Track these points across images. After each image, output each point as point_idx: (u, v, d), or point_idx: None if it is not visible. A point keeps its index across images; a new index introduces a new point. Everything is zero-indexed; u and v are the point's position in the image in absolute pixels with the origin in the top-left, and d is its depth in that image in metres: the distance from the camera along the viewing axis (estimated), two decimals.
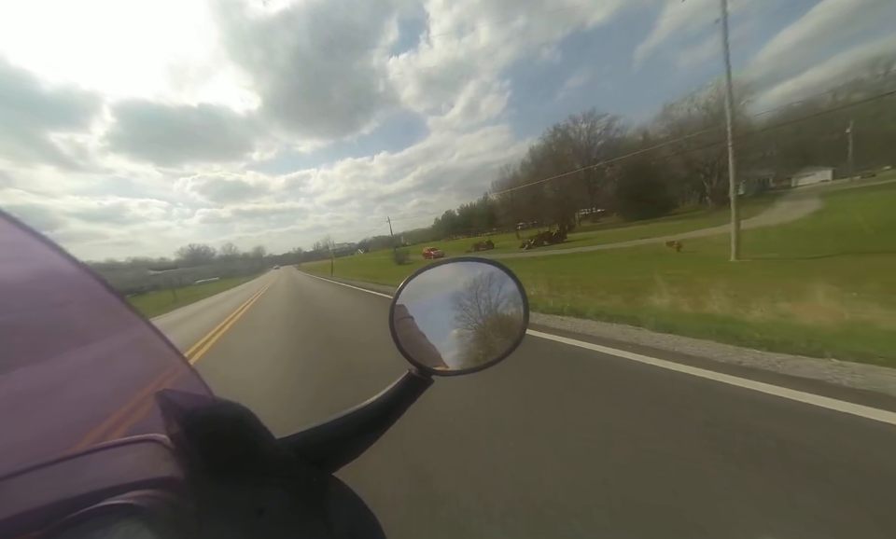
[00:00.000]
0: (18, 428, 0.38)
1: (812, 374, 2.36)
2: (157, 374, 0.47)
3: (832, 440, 1.69)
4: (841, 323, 3.27)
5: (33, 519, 0.29)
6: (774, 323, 3.45)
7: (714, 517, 1.36)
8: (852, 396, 2.03)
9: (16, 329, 0.38)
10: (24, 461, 0.34)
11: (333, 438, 0.45)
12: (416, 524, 1.55)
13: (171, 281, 78.44)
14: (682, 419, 2.02)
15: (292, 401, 3.24)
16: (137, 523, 0.28)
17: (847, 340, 2.72)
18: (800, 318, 3.54)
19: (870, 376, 2.23)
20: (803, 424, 1.84)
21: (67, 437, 0.40)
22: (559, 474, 1.71)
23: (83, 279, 0.38)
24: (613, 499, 1.50)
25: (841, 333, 2.98)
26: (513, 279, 0.58)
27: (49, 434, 0.40)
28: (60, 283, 0.38)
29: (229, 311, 12.52)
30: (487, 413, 2.42)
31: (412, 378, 0.50)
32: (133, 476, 0.34)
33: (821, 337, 2.85)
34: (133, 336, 0.45)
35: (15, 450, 0.35)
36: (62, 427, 0.41)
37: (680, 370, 2.63)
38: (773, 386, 2.23)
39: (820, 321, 3.37)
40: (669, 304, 4.73)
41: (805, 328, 3.17)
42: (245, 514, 0.33)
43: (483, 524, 1.49)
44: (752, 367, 2.55)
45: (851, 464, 1.53)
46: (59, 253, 0.34)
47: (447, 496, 1.67)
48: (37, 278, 0.36)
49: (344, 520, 0.39)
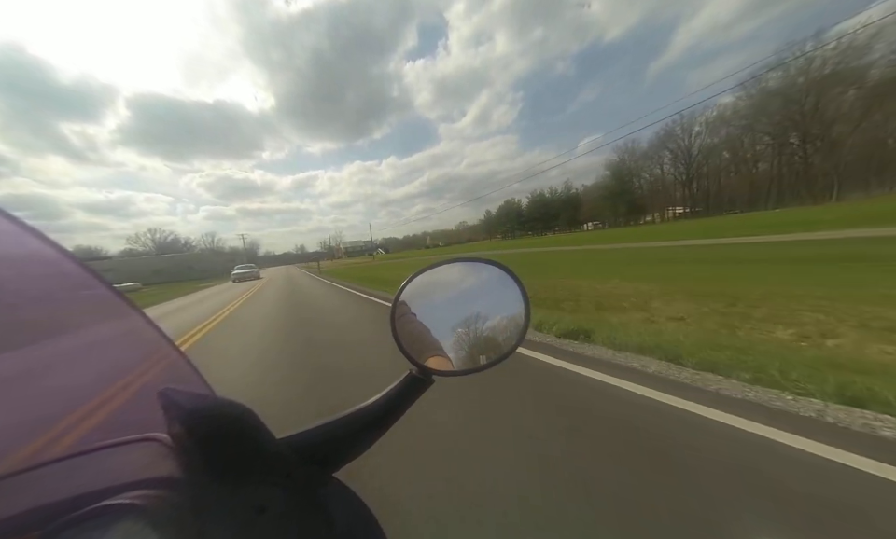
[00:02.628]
0: (15, 428, 0.38)
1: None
2: (159, 374, 0.47)
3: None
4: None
5: (32, 519, 0.29)
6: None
7: None
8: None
9: (12, 328, 0.38)
10: (20, 458, 0.33)
11: (333, 438, 0.45)
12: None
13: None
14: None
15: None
16: (137, 523, 0.28)
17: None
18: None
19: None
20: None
21: (66, 440, 0.40)
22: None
23: (83, 277, 0.38)
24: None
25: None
26: (515, 280, 0.58)
27: (48, 435, 0.39)
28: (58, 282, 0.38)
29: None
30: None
31: (412, 378, 0.50)
32: (133, 476, 0.34)
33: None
34: (135, 337, 0.45)
35: (13, 452, 0.35)
36: (48, 419, 0.41)
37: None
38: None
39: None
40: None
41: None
42: (245, 513, 0.33)
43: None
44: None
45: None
46: (51, 246, 0.34)
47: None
48: (27, 267, 0.35)
49: (344, 520, 0.39)
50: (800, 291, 4.98)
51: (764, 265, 8.32)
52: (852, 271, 6.32)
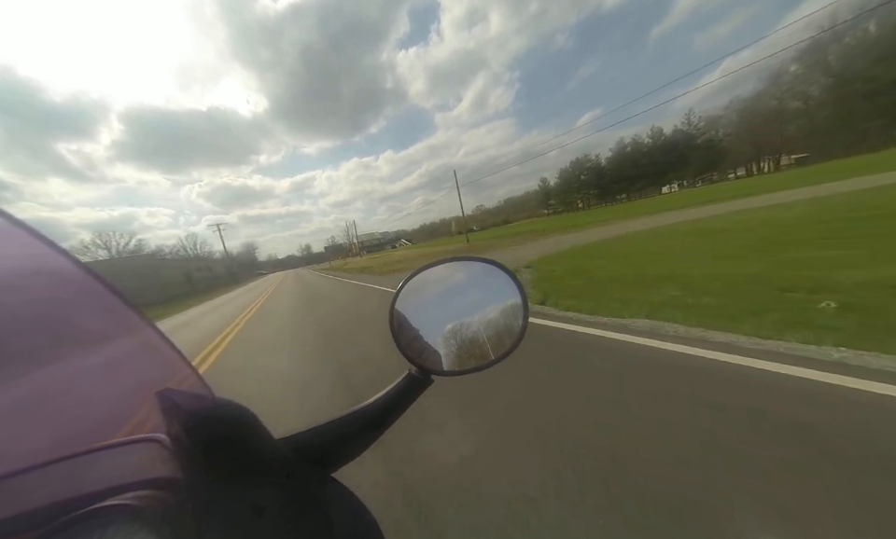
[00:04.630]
0: (16, 432, 0.38)
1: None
2: (158, 374, 0.47)
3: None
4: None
5: (32, 519, 0.29)
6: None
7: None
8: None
9: (15, 331, 0.38)
10: (20, 458, 0.33)
11: (333, 438, 0.45)
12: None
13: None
14: None
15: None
16: (137, 523, 0.28)
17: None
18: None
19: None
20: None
21: (67, 441, 0.40)
22: None
23: (84, 279, 0.38)
24: None
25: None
26: (513, 278, 0.58)
27: (48, 437, 0.39)
28: (60, 284, 0.38)
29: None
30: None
31: (411, 378, 0.50)
32: (133, 476, 0.34)
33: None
34: (135, 336, 0.45)
35: (14, 455, 0.35)
36: (60, 431, 0.41)
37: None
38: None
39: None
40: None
41: None
42: (244, 514, 0.33)
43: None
44: None
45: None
46: (58, 252, 0.34)
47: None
48: (36, 278, 0.36)
49: (344, 521, 0.39)
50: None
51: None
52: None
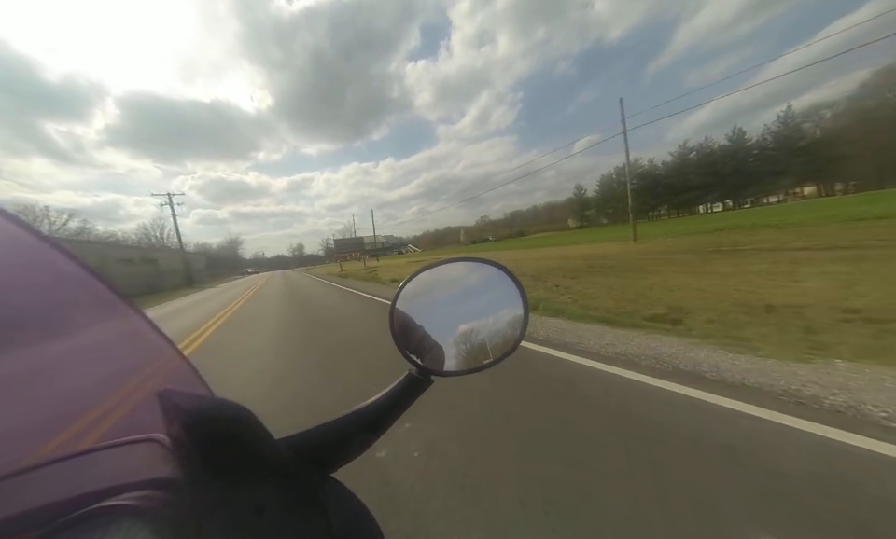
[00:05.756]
0: (3, 419, 0.37)
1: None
2: (153, 368, 0.47)
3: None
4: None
5: (32, 519, 0.29)
6: None
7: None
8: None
9: (3, 320, 0.38)
10: (20, 458, 0.33)
11: (333, 438, 0.45)
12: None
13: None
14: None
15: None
16: (137, 523, 0.28)
17: None
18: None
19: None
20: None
21: (53, 430, 0.40)
22: None
23: (80, 274, 0.38)
24: None
25: None
26: (513, 280, 0.58)
27: (35, 425, 0.39)
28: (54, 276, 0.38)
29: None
30: None
31: (411, 378, 0.50)
32: (133, 476, 0.34)
33: None
34: (129, 330, 0.45)
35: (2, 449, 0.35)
36: (47, 419, 0.40)
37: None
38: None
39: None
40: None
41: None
42: (244, 514, 0.33)
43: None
44: None
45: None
46: (51, 245, 0.34)
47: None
48: (27, 267, 0.35)
49: (343, 521, 0.39)
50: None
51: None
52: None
